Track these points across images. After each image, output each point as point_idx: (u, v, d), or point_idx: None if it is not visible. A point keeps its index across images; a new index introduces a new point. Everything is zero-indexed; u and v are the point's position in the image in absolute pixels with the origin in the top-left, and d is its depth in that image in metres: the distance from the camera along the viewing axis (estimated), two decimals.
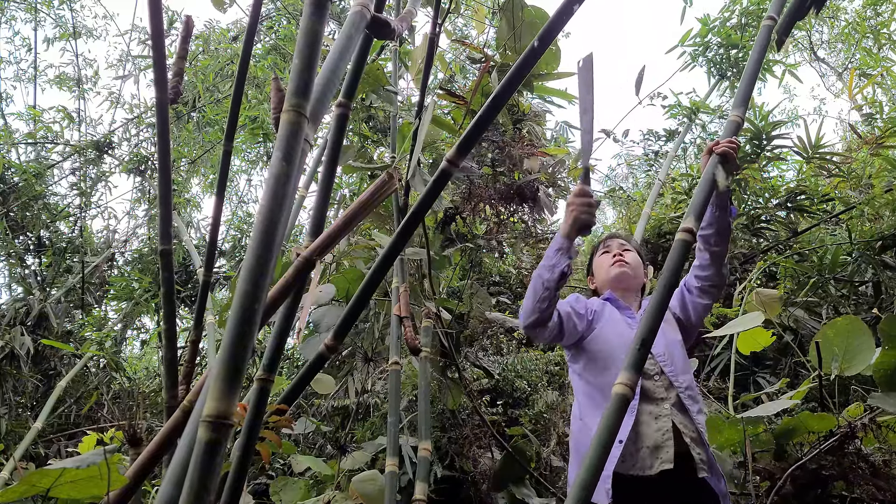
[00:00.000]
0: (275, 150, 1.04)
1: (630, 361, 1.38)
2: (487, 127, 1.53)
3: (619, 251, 2.24)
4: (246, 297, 0.92)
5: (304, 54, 1.12)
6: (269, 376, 1.46)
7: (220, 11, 3.13)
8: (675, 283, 1.47)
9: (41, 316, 5.08)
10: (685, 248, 1.52)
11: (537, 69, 3.57)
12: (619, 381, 1.35)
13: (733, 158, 1.76)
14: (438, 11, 2.83)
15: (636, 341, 1.41)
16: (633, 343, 1.41)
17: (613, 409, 1.31)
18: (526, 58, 1.43)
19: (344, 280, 3.25)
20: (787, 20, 1.98)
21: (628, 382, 1.35)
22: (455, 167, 1.47)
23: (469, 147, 1.50)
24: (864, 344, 2.57)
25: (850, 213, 4.73)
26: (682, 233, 1.54)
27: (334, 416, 4.09)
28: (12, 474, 3.35)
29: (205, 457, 0.85)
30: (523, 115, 3.74)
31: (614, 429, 1.28)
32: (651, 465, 1.78)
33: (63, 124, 6.43)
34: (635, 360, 1.38)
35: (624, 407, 1.32)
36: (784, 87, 10.19)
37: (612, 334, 2.03)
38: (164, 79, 1.85)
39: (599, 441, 1.25)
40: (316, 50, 1.14)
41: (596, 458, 1.23)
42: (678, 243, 1.53)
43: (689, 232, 1.54)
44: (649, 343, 1.41)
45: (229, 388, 0.87)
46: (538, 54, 1.44)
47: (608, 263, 2.23)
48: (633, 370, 1.36)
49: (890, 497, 2.38)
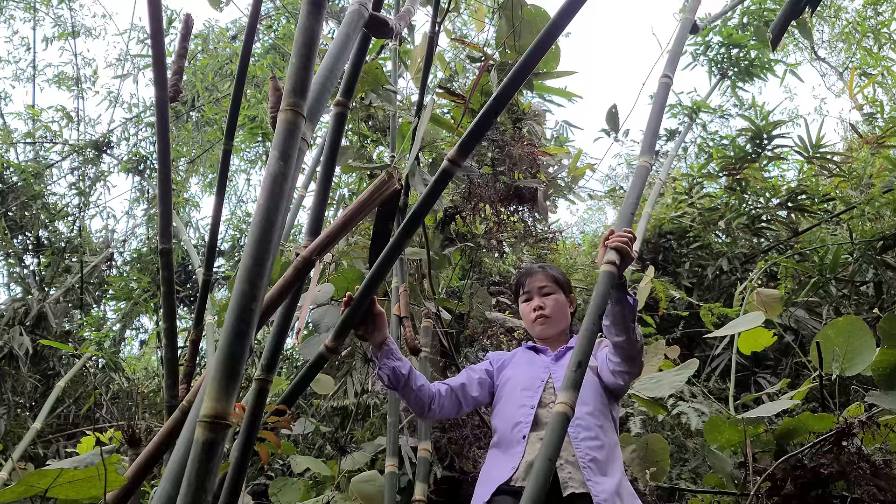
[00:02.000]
0: (272, 148, 1.04)
1: (567, 383, 1.50)
2: (490, 125, 1.55)
3: (540, 301, 2.18)
4: (243, 296, 0.92)
5: (301, 53, 1.12)
6: (268, 376, 1.46)
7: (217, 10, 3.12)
8: (602, 310, 1.62)
9: (40, 316, 5.07)
10: (609, 279, 1.69)
11: (538, 68, 3.56)
12: (560, 400, 1.48)
13: (627, 253, 1.74)
14: (438, 10, 2.82)
15: (572, 363, 1.54)
16: (569, 365, 1.52)
17: (554, 427, 1.43)
18: (534, 50, 1.45)
19: (343, 280, 3.24)
20: (783, 19, 1.97)
21: (567, 402, 1.47)
22: (457, 166, 1.48)
23: (471, 146, 1.52)
24: (865, 344, 2.56)
25: (851, 212, 4.72)
26: (606, 265, 1.71)
27: (334, 416, 4.08)
28: (11, 475, 3.34)
29: (202, 457, 0.85)
30: (523, 114, 3.74)
31: (557, 445, 1.41)
32: (523, 479, 1.82)
33: (62, 124, 6.42)
34: (572, 381, 1.50)
35: (565, 424, 1.44)
36: (784, 86, 10.19)
37: (515, 374, 2.09)
38: (164, 77, 1.85)
39: (543, 455, 1.38)
40: (313, 49, 1.13)
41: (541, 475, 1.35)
42: (603, 275, 1.69)
43: (612, 264, 1.71)
44: (585, 363, 1.53)
45: (226, 389, 0.87)
46: (545, 47, 1.46)
47: (529, 318, 2.20)
48: (572, 389, 1.49)
49: (891, 497, 2.38)
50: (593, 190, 6.52)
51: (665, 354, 3.08)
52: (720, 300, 4.36)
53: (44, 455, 4.40)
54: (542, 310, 2.17)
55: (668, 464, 2.81)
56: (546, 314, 2.16)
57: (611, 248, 1.74)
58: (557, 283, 2.22)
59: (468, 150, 1.49)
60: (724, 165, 4.99)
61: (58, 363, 5.07)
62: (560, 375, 1.98)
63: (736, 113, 5.94)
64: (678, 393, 3.31)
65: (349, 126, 3.98)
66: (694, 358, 2.78)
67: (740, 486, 2.72)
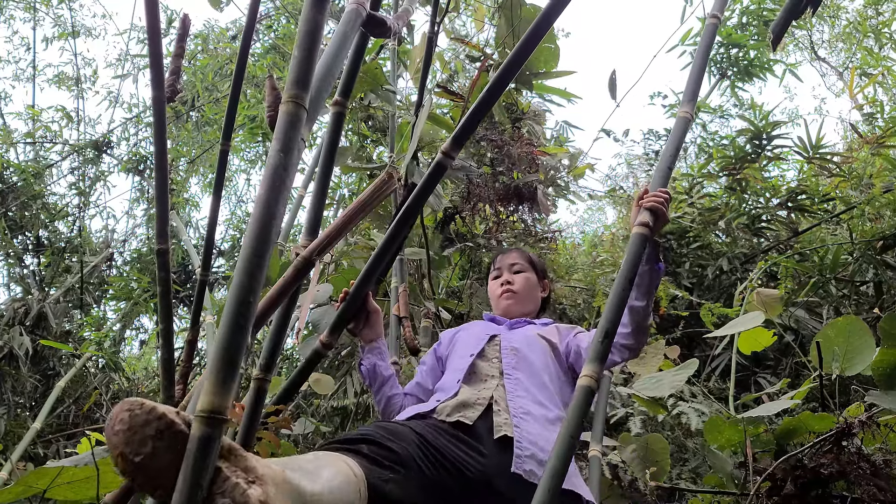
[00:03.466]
0: (273, 141, 1.03)
1: (592, 354, 1.39)
2: (482, 117, 1.53)
3: (509, 276, 2.10)
4: (242, 288, 0.91)
5: (305, 45, 1.10)
6: (267, 376, 1.46)
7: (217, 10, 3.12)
8: (633, 274, 1.49)
9: (40, 316, 5.07)
10: (642, 241, 1.57)
11: (537, 68, 3.56)
12: (584, 373, 1.36)
13: (663, 213, 1.62)
14: (437, 10, 2.82)
15: (598, 334, 1.41)
16: (595, 336, 1.41)
17: (579, 401, 1.33)
18: (528, 38, 1.45)
19: (343, 280, 3.24)
20: (784, 19, 1.96)
21: (593, 374, 1.36)
22: (450, 158, 1.47)
23: (464, 139, 1.51)
24: (865, 344, 2.56)
25: (851, 212, 4.72)
26: (639, 226, 1.59)
27: (333, 416, 4.08)
28: (11, 475, 3.34)
29: (198, 453, 0.84)
30: (522, 114, 3.73)
31: (580, 421, 1.31)
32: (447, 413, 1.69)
33: (62, 124, 6.42)
34: (598, 352, 1.39)
35: (589, 398, 1.34)
36: (784, 86, 10.18)
37: (464, 336, 1.99)
38: (161, 77, 1.85)
39: (566, 433, 1.28)
40: (317, 41, 1.12)
41: (563, 450, 1.26)
42: (635, 237, 1.57)
43: (645, 226, 1.59)
44: (613, 332, 1.41)
45: (224, 383, 0.86)
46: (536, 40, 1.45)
47: (495, 294, 2.12)
48: (597, 361, 1.37)
49: (891, 497, 2.37)
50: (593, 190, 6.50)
51: (665, 354, 3.07)
52: (720, 300, 4.36)
53: (44, 455, 4.39)
54: (509, 285, 2.09)
55: (668, 464, 2.80)
56: (513, 289, 2.08)
57: (645, 209, 1.61)
58: (531, 263, 2.15)
59: (461, 143, 1.48)
60: (724, 165, 4.99)
61: (58, 363, 5.06)
62: (511, 339, 1.88)
63: (736, 113, 5.94)
64: (678, 393, 3.31)
65: (349, 126, 3.98)
66: (694, 358, 2.77)
67: (740, 486, 2.71)
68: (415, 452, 1.43)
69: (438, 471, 1.47)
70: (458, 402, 1.69)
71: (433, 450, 1.49)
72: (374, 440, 1.38)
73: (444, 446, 1.53)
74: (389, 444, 1.39)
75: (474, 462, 1.55)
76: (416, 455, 1.43)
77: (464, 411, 1.67)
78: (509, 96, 3.74)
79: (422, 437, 1.50)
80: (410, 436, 1.48)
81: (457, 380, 1.79)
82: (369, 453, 1.33)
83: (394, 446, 1.39)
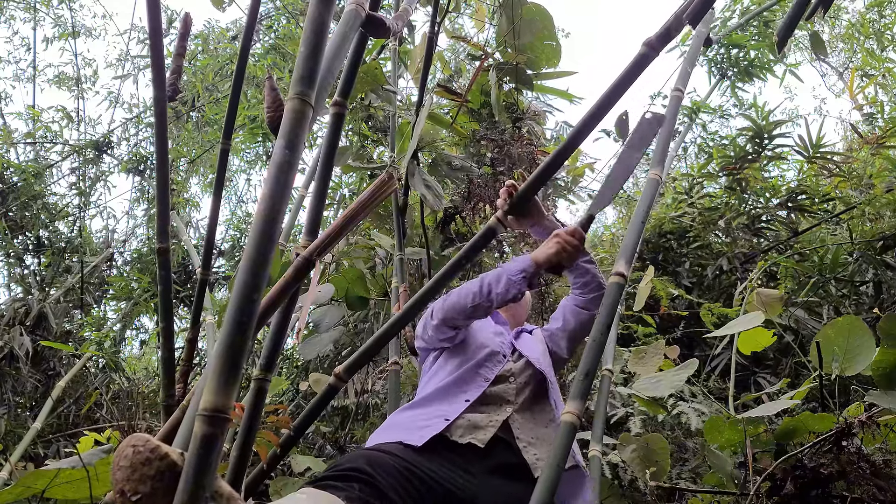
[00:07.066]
0: (278, 137, 1.02)
1: (575, 391, 1.45)
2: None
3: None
4: (245, 287, 0.90)
5: (311, 41, 1.08)
6: (267, 376, 1.46)
7: (219, 10, 3.12)
8: (610, 320, 1.57)
9: (40, 316, 5.07)
10: (619, 290, 1.64)
11: (537, 67, 3.56)
12: (567, 410, 1.42)
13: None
14: (437, 10, 2.82)
15: (580, 372, 1.49)
16: (577, 374, 1.48)
17: (564, 437, 1.38)
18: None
19: (343, 280, 3.24)
20: (788, 22, 1.96)
21: (575, 412, 1.41)
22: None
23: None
24: (865, 344, 2.56)
25: (851, 212, 4.72)
26: (614, 276, 1.65)
27: (334, 416, 4.08)
28: (11, 475, 3.34)
29: (201, 452, 0.83)
30: (523, 114, 3.73)
31: (565, 455, 1.36)
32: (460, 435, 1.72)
33: (62, 124, 6.43)
34: (580, 390, 1.45)
35: (573, 434, 1.40)
36: (784, 86, 10.19)
37: (484, 329, 2.02)
38: (162, 77, 1.85)
39: (553, 463, 1.33)
40: (323, 38, 1.10)
41: (549, 481, 1.31)
42: (612, 286, 1.64)
43: (621, 276, 1.65)
44: (592, 373, 1.49)
45: (226, 382, 0.86)
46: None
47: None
48: (579, 399, 1.43)
49: (891, 497, 2.37)
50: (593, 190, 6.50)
51: (665, 354, 3.07)
52: (720, 300, 4.36)
53: (44, 455, 4.39)
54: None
55: (668, 463, 2.80)
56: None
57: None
58: None
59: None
60: (724, 165, 4.99)
61: (58, 363, 5.07)
62: (526, 350, 1.96)
63: (736, 113, 5.94)
64: (678, 393, 3.31)
65: (349, 126, 3.98)
66: (694, 358, 2.77)
67: (740, 486, 2.71)
68: (398, 485, 1.47)
69: (424, 500, 1.51)
70: (471, 424, 1.73)
71: (417, 482, 1.52)
72: (360, 478, 1.42)
73: (435, 471, 1.57)
74: (375, 482, 1.43)
75: (464, 482, 1.59)
76: (398, 488, 1.47)
77: (475, 433, 1.71)
78: (510, 96, 3.74)
79: (408, 469, 1.53)
80: (395, 468, 1.51)
81: (473, 395, 1.79)
82: (361, 494, 1.38)
83: (380, 483, 1.43)
